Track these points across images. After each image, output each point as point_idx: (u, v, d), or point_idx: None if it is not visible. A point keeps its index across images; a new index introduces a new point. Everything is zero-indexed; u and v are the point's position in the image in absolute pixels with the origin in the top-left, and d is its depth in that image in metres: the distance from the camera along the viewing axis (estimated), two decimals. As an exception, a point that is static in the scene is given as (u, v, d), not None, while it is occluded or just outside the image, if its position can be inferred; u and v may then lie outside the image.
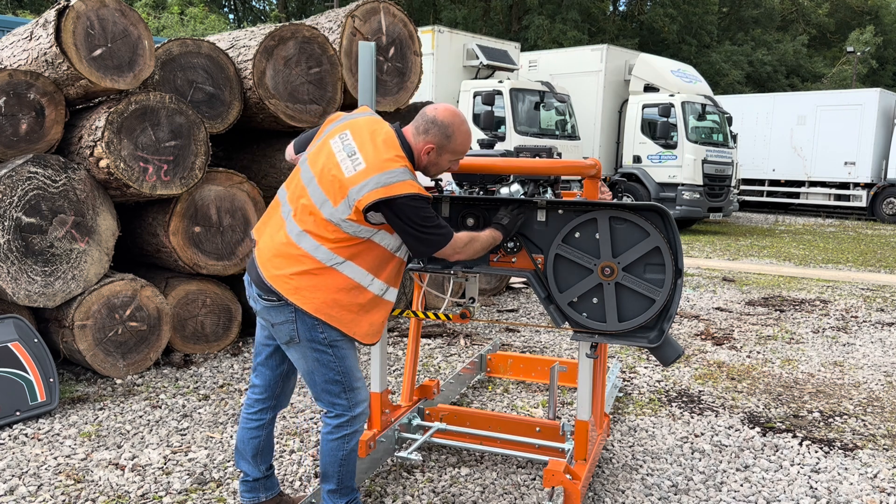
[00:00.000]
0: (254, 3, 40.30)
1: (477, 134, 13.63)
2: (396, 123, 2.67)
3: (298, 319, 2.52)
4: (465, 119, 2.66)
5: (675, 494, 3.28)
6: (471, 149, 2.82)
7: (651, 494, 3.26)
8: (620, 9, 39.79)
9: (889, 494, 3.36)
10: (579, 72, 16.22)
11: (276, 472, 2.97)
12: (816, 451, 3.80)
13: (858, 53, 36.66)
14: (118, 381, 4.60)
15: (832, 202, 20.83)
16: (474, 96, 14.48)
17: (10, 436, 3.76)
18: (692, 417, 4.24)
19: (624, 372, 5.10)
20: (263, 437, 2.85)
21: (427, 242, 2.51)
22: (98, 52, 4.45)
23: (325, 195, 2.49)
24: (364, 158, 2.47)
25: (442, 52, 14.56)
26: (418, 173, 2.81)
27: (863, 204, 20.12)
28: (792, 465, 3.62)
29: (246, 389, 4.51)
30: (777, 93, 26.06)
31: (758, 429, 4.08)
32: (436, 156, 2.61)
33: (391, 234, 2.56)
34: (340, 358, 2.58)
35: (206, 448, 3.65)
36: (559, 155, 3.43)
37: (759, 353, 5.72)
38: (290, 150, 2.92)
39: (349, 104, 5.81)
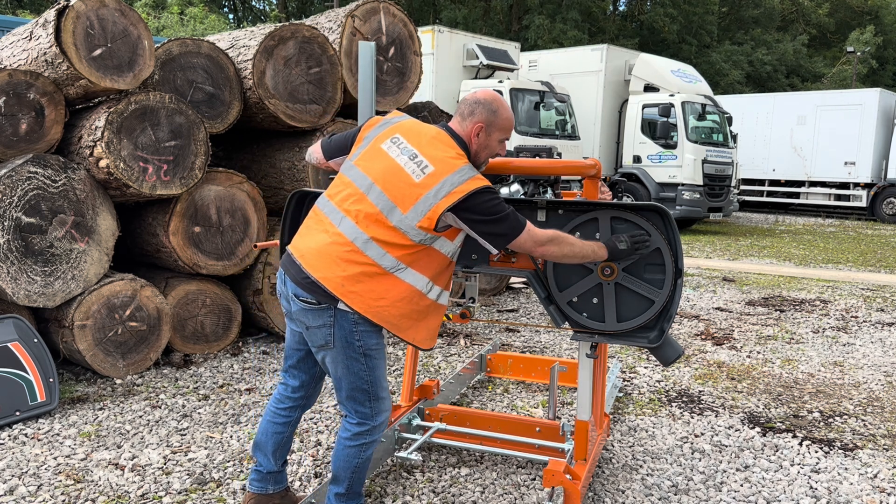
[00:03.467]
0: (254, 3, 40.32)
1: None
2: (442, 122, 2.69)
3: (336, 325, 2.49)
4: (504, 100, 2.70)
5: (675, 494, 3.28)
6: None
7: (651, 494, 3.26)
8: (620, 9, 39.81)
9: (889, 494, 3.36)
10: (579, 72, 16.23)
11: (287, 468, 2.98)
12: (816, 451, 3.80)
13: (858, 53, 36.66)
14: (118, 381, 4.60)
15: (832, 202, 20.83)
16: (474, 96, 14.46)
17: (9, 436, 3.76)
18: (692, 417, 4.24)
19: (624, 372, 5.10)
20: (287, 434, 2.85)
21: (506, 226, 2.48)
22: (98, 51, 4.44)
23: (392, 202, 2.46)
24: (430, 161, 2.47)
25: (442, 52, 14.56)
26: None
27: (863, 204, 20.13)
28: (792, 465, 3.62)
29: (246, 389, 4.51)
30: (777, 93, 26.06)
31: (758, 429, 4.08)
32: (485, 136, 2.63)
33: (450, 241, 2.56)
34: (371, 368, 2.57)
35: (205, 448, 3.65)
36: (559, 155, 3.44)
37: (759, 353, 5.72)
38: (318, 154, 2.88)
39: (349, 104, 5.81)
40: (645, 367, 5.23)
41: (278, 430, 2.82)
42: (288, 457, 3.51)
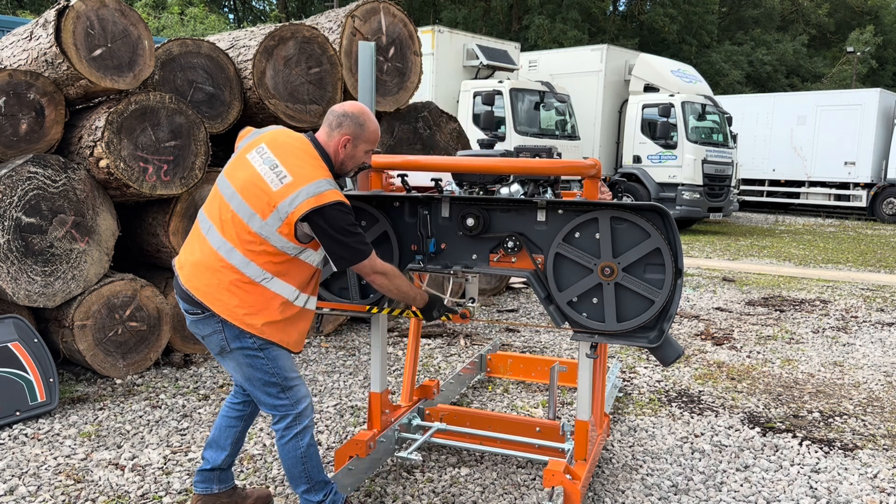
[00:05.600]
0: (254, 3, 40.31)
1: (477, 134, 13.63)
2: (309, 132, 2.75)
3: (226, 328, 2.57)
4: (371, 113, 2.78)
5: (675, 494, 3.28)
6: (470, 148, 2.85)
7: (651, 494, 3.26)
8: (620, 9, 39.79)
9: (889, 494, 3.36)
10: (579, 72, 16.22)
11: (234, 468, 2.98)
12: (816, 451, 3.80)
13: (858, 53, 36.67)
14: (118, 381, 4.60)
15: (832, 202, 20.84)
16: (474, 96, 14.48)
17: (10, 436, 3.76)
18: (692, 417, 4.24)
19: (624, 372, 5.10)
20: (241, 428, 2.92)
21: (351, 250, 2.55)
22: (98, 52, 4.44)
23: (251, 209, 2.54)
24: (289, 171, 2.53)
25: (442, 52, 14.56)
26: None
27: (863, 204, 20.13)
28: (792, 465, 3.63)
29: (246, 389, 4.51)
30: (777, 93, 26.07)
31: (758, 429, 4.08)
32: (352, 147, 2.69)
33: (316, 251, 2.63)
34: (272, 359, 2.63)
35: (206, 448, 3.65)
36: (559, 155, 3.43)
37: (759, 353, 5.72)
38: None
39: (349, 104, 5.80)
40: (645, 367, 5.23)
41: (232, 424, 2.90)
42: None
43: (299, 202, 2.47)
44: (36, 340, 4.10)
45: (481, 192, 3.18)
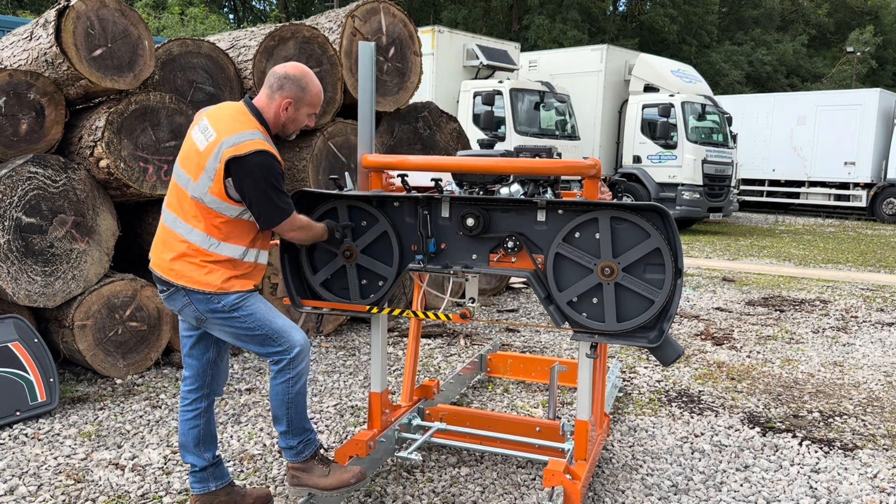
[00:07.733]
0: (254, 3, 40.31)
1: (477, 134, 13.64)
2: (246, 96, 2.79)
3: (193, 300, 2.64)
4: (314, 75, 2.80)
5: (675, 494, 3.29)
6: (470, 147, 2.86)
7: (651, 494, 3.26)
8: (620, 9, 39.80)
9: (889, 494, 3.36)
10: (579, 72, 16.23)
11: (223, 461, 2.97)
12: (816, 451, 3.80)
13: (858, 53, 36.69)
14: (118, 381, 4.60)
15: (832, 202, 20.85)
16: (474, 96, 14.48)
17: (10, 436, 3.77)
18: (692, 417, 4.24)
19: (624, 372, 5.10)
20: (202, 425, 2.91)
21: (272, 206, 2.59)
22: (98, 52, 4.45)
23: (186, 175, 2.62)
24: (215, 129, 2.60)
25: (442, 52, 14.56)
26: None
27: (863, 204, 20.14)
28: (792, 465, 3.63)
29: (246, 389, 4.51)
30: (777, 93, 26.08)
31: (758, 429, 4.09)
32: (294, 110, 2.73)
33: None
34: (249, 314, 2.68)
35: (206, 448, 3.64)
36: (559, 155, 3.43)
37: (759, 353, 5.72)
38: None
39: (349, 104, 5.81)
40: (645, 367, 5.23)
41: (192, 425, 2.90)
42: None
43: (221, 153, 2.52)
44: (36, 340, 4.10)
45: (481, 192, 3.18)
